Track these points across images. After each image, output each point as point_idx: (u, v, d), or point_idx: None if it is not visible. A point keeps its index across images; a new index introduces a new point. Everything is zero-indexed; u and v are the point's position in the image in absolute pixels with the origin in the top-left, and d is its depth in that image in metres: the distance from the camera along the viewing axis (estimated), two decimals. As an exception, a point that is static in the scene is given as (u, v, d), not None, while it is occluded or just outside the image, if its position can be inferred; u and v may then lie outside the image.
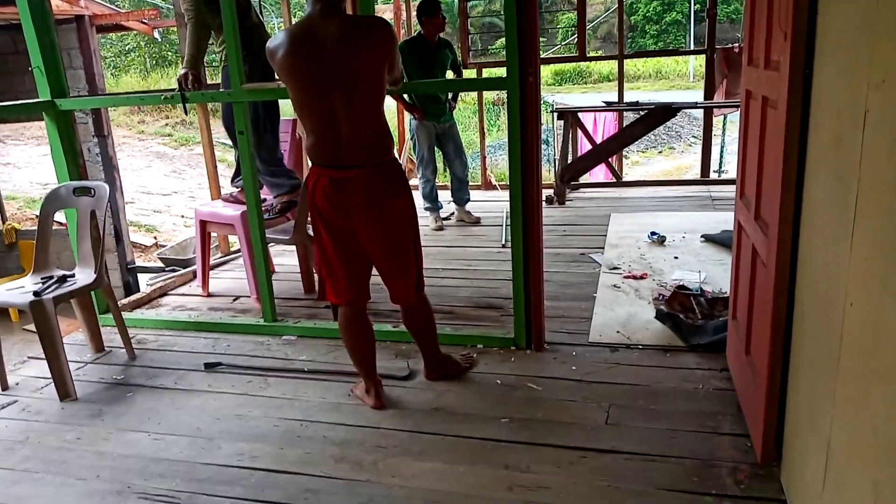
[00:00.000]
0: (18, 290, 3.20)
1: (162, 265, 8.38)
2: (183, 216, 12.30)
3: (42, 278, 3.27)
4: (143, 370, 3.32)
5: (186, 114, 4.64)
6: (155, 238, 10.70)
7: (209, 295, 4.31)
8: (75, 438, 2.75)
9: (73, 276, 3.31)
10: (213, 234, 4.42)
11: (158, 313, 4.01)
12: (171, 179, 14.74)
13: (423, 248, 2.83)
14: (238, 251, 5.12)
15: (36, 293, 3.06)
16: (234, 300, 4.21)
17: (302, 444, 2.60)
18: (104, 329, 3.63)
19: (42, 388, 3.19)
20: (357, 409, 2.84)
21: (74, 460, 2.59)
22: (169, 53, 20.53)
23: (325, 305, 3.97)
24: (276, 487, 2.35)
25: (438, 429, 2.64)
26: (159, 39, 10.18)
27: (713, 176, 7.93)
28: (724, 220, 4.89)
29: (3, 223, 8.88)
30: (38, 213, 10.73)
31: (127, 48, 20.97)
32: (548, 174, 8.13)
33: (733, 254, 2.81)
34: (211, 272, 4.49)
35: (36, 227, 3.46)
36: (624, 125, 6.88)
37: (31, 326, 7.26)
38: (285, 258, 4.95)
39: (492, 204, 6.33)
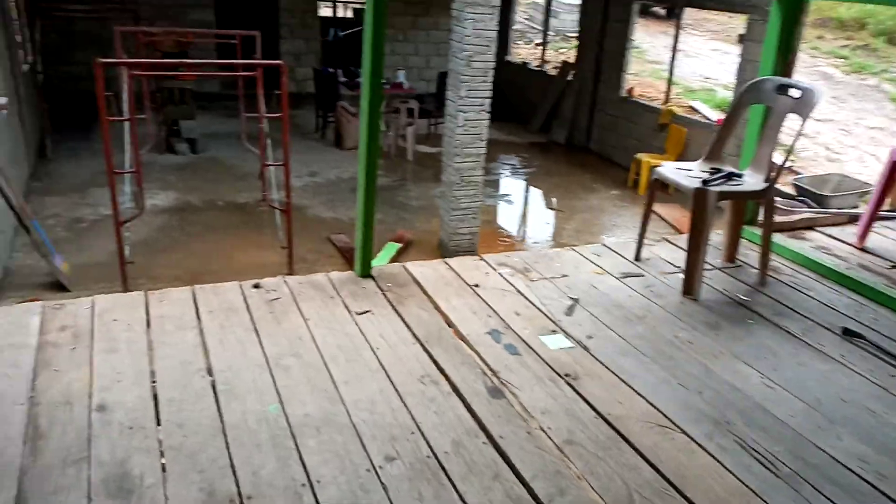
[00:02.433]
0: (686, 172, 3.13)
1: (792, 193, 7.78)
2: (828, 148, 11.17)
3: (711, 168, 3.12)
4: (771, 302, 2.97)
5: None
6: (792, 160, 10.00)
7: (863, 249, 3.61)
8: (687, 341, 2.61)
9: (740, 175, 3.07)
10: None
11: (801, 247, 3.54)
12: (828, 105, 13.44)
13: None
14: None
15: (704, 181, 2.93)
16: (893, 267, 3.43)
17: (954, 498, 1.91)
18: (741, 241, 3.37)
19: (668, 274, 3.15)
20: None
21: (682, 362, 2.46)
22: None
23: None
24: (902, 531, 1.77)
25: None
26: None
27: None
28: None
29: (665, 103, 9.44)
30: (690, 103, 11.10)
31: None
32: None
33: None
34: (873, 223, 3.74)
35: (687, 115, 3.30)
36: None
37: (657, 207, 7.67)
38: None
39: None
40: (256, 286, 2.78)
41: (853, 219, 3.94)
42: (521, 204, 8.74)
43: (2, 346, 2.27)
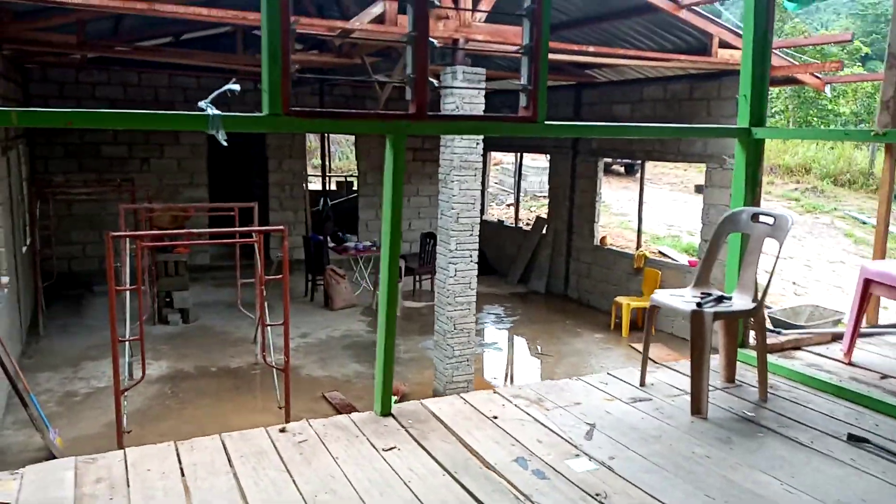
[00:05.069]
0: (679, 297, 3.37)
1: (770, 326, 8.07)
2: (794, 283, 11.69)
3: (702, 293, 3.37)
4: (775, 416, 3.10)
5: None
6: (762, 296, 10.41)
7: (850, 363, 3.80)
8: (704, 455, 2.71)
9: (729, 298, 3.31)
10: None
11: (793, 364, 3.73)
12: (789, 244, 14.21)
13: None
14: None
15: (698, 304, 3.16)
16: (882, 378, 3.61)
17: None
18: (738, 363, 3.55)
19: (674, 397, 3.29)
20: None
21: (704, 476, 2.54)
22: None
23: None
24: None
25: None
26: (829, 96, 9.63)
27: None
28: None
29: (637, 249, 9.95)
30: (660, 248, 11.72)
31: (772, 110, 20.99)
32: None
33: None
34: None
35: (658, 259, 3.59)
36: None
37: (637, 345, 7.88)
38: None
39: None
40: (283, 430, 2.84)
41: (836, 336, 4.17)
42: (509, 351, 8.88)
43: (39, 500, 2.28)
